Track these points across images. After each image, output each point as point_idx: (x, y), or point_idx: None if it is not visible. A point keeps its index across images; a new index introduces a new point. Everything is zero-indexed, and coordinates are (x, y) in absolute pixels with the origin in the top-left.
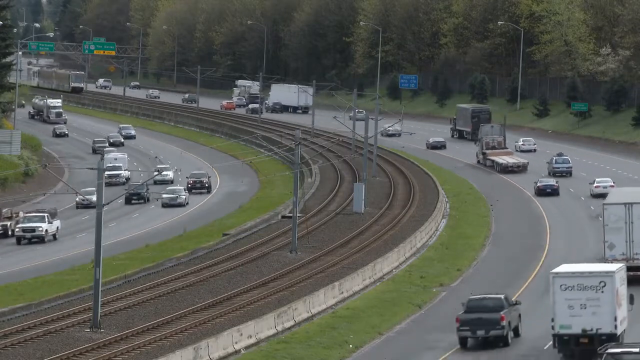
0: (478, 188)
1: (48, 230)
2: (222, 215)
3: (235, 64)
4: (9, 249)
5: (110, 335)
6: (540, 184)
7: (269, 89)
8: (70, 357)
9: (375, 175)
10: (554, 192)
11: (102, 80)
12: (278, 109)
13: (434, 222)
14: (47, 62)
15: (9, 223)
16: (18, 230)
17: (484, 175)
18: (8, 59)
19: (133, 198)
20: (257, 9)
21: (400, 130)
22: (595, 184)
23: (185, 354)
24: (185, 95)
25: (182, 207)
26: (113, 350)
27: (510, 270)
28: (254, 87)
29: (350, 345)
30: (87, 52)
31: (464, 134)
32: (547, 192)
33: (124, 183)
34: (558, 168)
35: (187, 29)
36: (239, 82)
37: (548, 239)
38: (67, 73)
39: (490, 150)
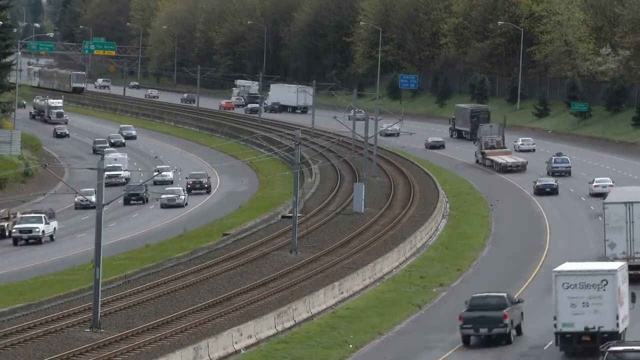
0: (478, 188)
1: (45, 231)
2: (222, 215)
3: (235, 64)
4: (6, 250)
5: (110, 335)
6: (540, 184)
7: (269, 89)
8: (70, 357)
9: (375, 175)
10: (553, 191)
11: (101, 80)
12: (277, 109)
13: (434, 222)
14: (47, 62)
15: (6, 224)
16: (15, 231)
17: (483, 175)
18: (8, 59)
19: (132, 199)
20: (257, 9)
21: (399, 130)
22: (595, 184)
23: (185, 354)
24: (184, 95)
25: (180, 207)
26: (113, 350)
27: (510, 270)
28: (253, 87)
29: (350, 345)
30: (87, 52)
31: (463, 134)
32: (546, 191)
33: (124, 183)
34: (557, 168)
35: (187, 29)
36: (238, 82)
37: (548, 239)
38: (68, 73)
39: (489, 150)
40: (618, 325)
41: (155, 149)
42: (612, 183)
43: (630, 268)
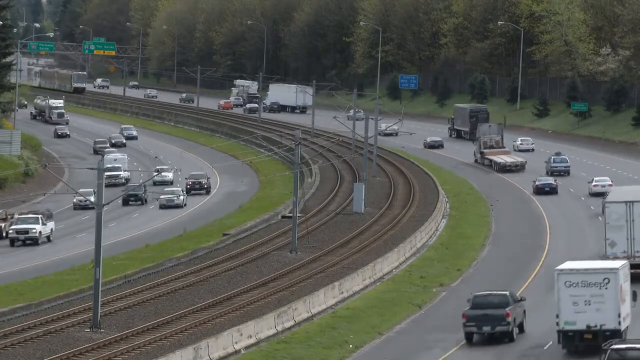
0: (478, 188)
1: (42, 232)
2: (222, 215)
3: (235, 64)
4: (3, 251)
5: (110, 335)
6: (539, 183)
7: (268, 89)
8: (70, 357)
9: (375, 175)
10: (553, 190)
11: (100, 80)
12: (275, 109)
13: (434, 222)
14: (46, 62)
15: (3, 225)
16: (11, 232)
17: (483, 175)
18: (8, 59)
19: (130, 199)
20: (257, 9)
21: (397, 130)
22: (594, 183)
23: (185, 354)
24: (183, 95)
25: (179, 208)
26: (113, 350)
27: (510, 270)
28: (252, 87)
29: (350, 345)
30: (87, 52)
31: (462, 134)
32: (545, 190)
33: (124, 184)
34: (556, 167)
35: (187, 29)
36: (237, 81)
37: (548, 239)
38: (69, 73)
39: (488, 150)
40: (620, 324)
41: (155, 149)
42: (611, 182)
43: (631, 267)
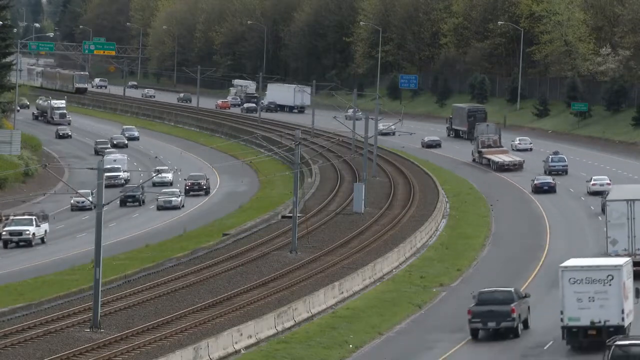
0: (478, 188)
1: (35, 234)
2: (222, 215)
3: (235, 64)
4: None
5: (110, 335)
6: (537, 182)
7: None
8: (70, 357)
9: (375, 175)
10: (551, 189)
11: (98, 80)
12: (273, 108)
13: (434, 222)
14: (46, 62)
15: None
16: (5, 234)
17: (482, 174)
18: (8, 59)
19: (128, 200)
20: (257, 9)
21: (395, 129)
22: (592, 182)
23: (185, 354)
24: (181, 95)
25: (177, 209)
26: (113, 350)
27: (510, 270)
28: (250, 86)
29: (350, 345)
30: (87, 52)
31: (460, 133)
32: (544, 189)
33: (123, 184)
34: (554, 166)
35: (187, 29)
36: (236, 81)
37: (548, 239)
38: (71, 74)
39: (486, 149)
40: (623, 320)
41: (155, 149)
42: (609, 181)
43: (632, 264)
